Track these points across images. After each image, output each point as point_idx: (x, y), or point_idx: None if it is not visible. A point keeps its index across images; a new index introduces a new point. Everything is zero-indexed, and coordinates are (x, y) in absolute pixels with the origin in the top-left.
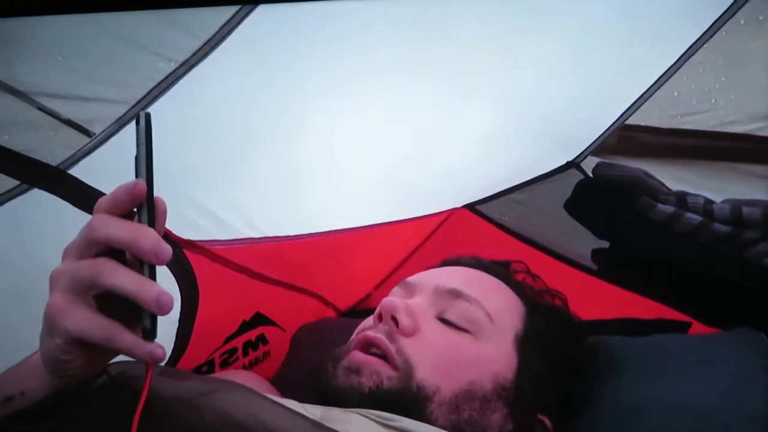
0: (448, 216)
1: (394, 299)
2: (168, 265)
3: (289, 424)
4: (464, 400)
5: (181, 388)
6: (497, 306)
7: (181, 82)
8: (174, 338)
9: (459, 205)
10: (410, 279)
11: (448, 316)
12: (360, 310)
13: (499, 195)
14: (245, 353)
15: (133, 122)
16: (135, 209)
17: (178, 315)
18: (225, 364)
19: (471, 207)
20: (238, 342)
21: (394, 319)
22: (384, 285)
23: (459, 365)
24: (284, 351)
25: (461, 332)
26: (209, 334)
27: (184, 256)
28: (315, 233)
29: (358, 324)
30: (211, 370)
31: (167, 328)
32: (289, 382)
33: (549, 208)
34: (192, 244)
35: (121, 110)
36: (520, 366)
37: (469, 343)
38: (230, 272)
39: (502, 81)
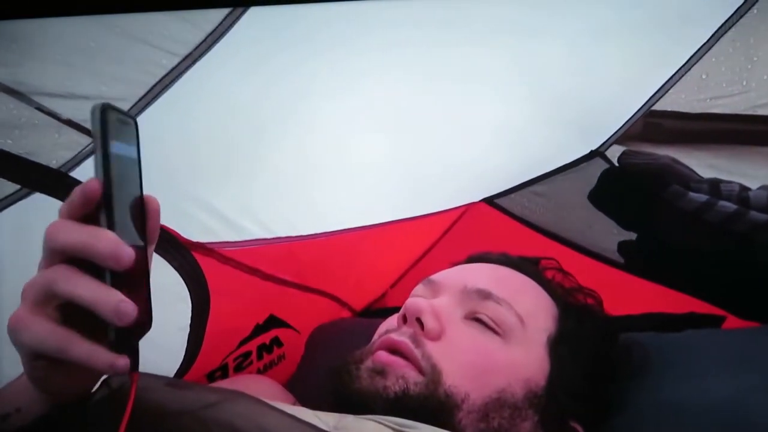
0: (465, 211)
1: (419, 300)
2: (177, 269)
3: None
4: (494, 408)
5: (186, 401)
6: (528, 307)
7: (185, 77)
8: (185, 343)
9: (476, 199)
10: (435, 277)
11: (477, 318)
12: (375, 310)
13: (520, 187)
14: (259, 357)
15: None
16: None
17: (189, 320)
18: (239, 369)
19: (489, 201)
20: (252, 345)
21: (419, 321)
22: (400, 283)
23: (489, 371)
24: (299, 353)
25: (491, 335)
26: (222, 338)
27: (194, 259)
28: (328, 232)
29: (375, 324)
30: (225, 374)
31: (178, 333)
32: (305, 386)
33: (572, 199)
34: (201, 247)
35: (123, 108)
36: (552, 371)
37: (499, 348)
38: (242, 274)
39: (520, 68)
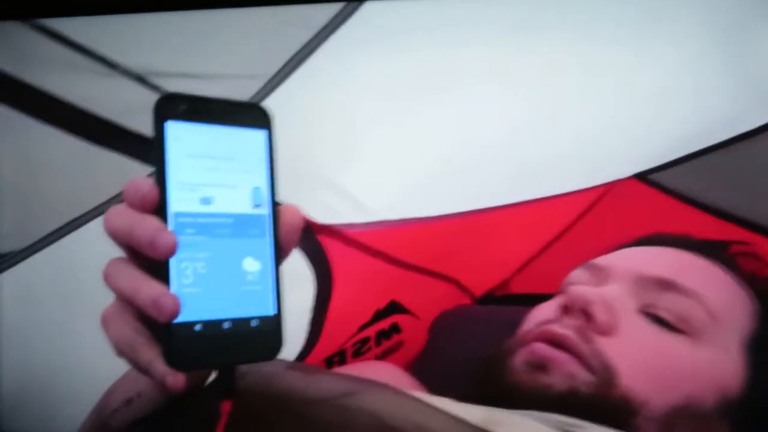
0: (608, 189)
1: (586, 289)
2: (302, 251)
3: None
4: (679, 418)
5: (324, 388)
6: (720, 301)
7: (315, 54)
8: (307, 327)
9: (625, 175)
10: (600, 261)
11: (657, 311)
12: (499, 297)
13: (683, 160)
14: (378, 343)
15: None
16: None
17: (312, 303)
18: (357, 354)
19: (642, 176)
20: (371, 331)
21: (585, 312)
22: (527, 269)
23: (673, 374)
24: (418, 340)
25: (674, 333)
26: (342, 322)
27: (318, 241)
28: (455, 213)
29: (503, 311)
30: (343, 360)
31: (299, 317)
32: (432, 373)
33: (754, 173)
34: (326, 229)
35: (256, 86)
36: (749, 377)
37: (686, 348)
38: (366, 257)
39: (694, 17)
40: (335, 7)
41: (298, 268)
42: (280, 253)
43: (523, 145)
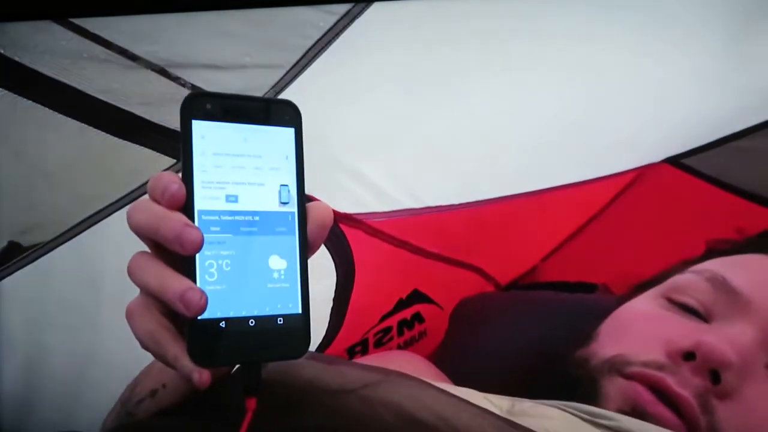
0: (639, 175)
1: (724, 347)
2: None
3: (478, 424)
4: None
5: (345, 378)
6: None
7: (338, 42)
8: (328, 317)
9: (656, 159)
10: (737, 282)
11: None
12: (523, 285)
13: (717, 143)
14: (400, 333)
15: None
16: None
17: (333, 292)
18: (379, 344)
19: (674, 161)
20: (393, 321)
21: (714, 372)
22: (553, 257)
23: None
24: (441, 330)
25: None
26: (364, 312)
27: (341, 231)
28: (479, 201)
29: (523, 297)
30: (365, 349)
31: (321, 305)
32: (453, 362)
33: None
34: (349, 218)
35: (277, 76)
36: None
37: None
38: (389, 247)
39: (715, 8)
40: None
41: (319, 257)
42: (307, 250)
43: (549, 132)
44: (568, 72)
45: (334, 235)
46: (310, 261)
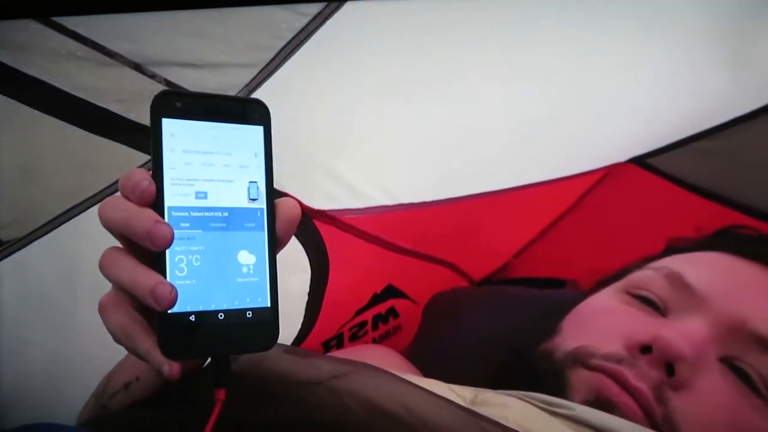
0: (606, 174)
1: (680, 341)
2: (297, 236)
3: (442, 414)
4: None
5: (314, 370)
6: None
7: (311, 40)
8: (304, 311)
9: (622, 159)
10: (695, 282)
11: (743, 367)
12: (496, 281)
13: (681, 144)
14: (375, 327)
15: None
16: None
17: (309, 287)
18: (354, 338)
19: (639, 161)
20: (368, 315)
21: (669, 365)
22: (524, 254)
23: None
24: (415, 324)
25: (753, 395)
26: (339, 306)
27: (315, 227)
28: (451, 198)
29: (496, 292)
30: (340, 344)
31: (296, 300)
32: (425, 356)
33: (747, 157)
34: (323, 214)
35: (250, 74)
36: None
37: (756, 415)
38: (362, 242)
39: (682, 8)
40: None
41: (294, 252)
42: (276, 245)
43: (521, 131)
44: (539, 73)
45: (308, 230)
46: (285, 256)
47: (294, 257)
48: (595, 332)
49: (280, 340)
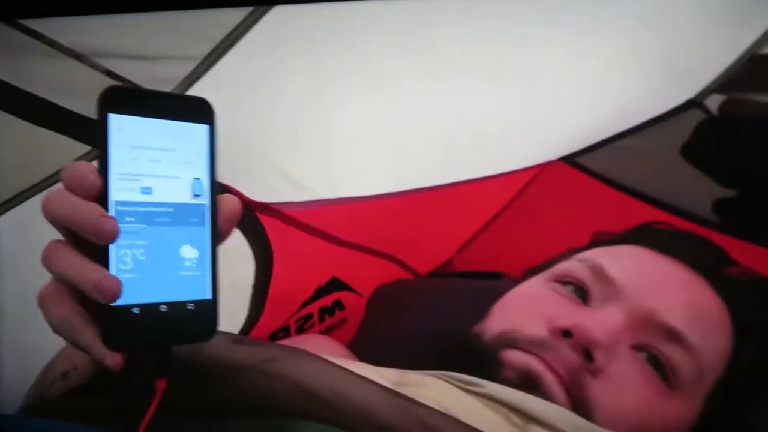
0: (539, 171)
1: (596, 329)
2: (240, 229)
3: (365, 394)
4: None
5: (247, 355)
6: (713, 355)
7: (252, 31)
8: (249, 303)
9: (553, 157)
10: (614, 274)
11: (654, 353)
12: (442, 275)
13: (603, 143)
14: (321, 319)
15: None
16: None
17: (252, 280)
18: (300, 330)
19: (568, 159)
20: (314, 308)
21: (587, 352)
22: (467, 249)
23: (645, 423)
24: (361, 316)
25: (659, 379)
26: (284, 299)
27: (257, 220)
28: (393, 193)
29: (438, 284)
30: (287, 336)
31: (241, 292)
32: (367, 346)
33: (664, 155)
34: (265, 207)
35: (189, 67)
36: (698, 425)
37: (664, 398)
38: (305, 235)
39: (605, 10)
40: None
41: (238, 244)
42: (217, 240)
43: (463, 127)
44: (481, 73)
45: (251, 223)
46: (229, 248)
47: (238, 249)
48: (520, 315)
49: (227, 331)
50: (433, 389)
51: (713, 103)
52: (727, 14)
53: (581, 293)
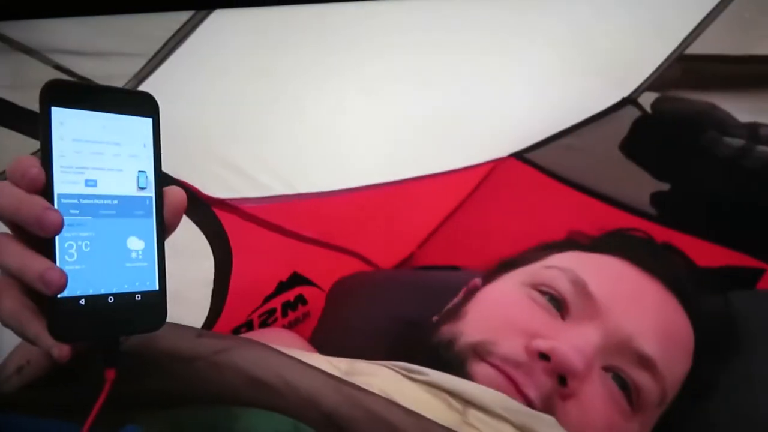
0: (493, 167)
1: (577, 358)
2: (198, 225)
3: (313, 382)
4: None
5: (199, 347)
6: (677, 377)
7: (201, 27)
8: (210, 298)
9: (506, 154)
10: (595, 291)
11: (623, 376)
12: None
13: (549, 140)
14: (284, 314)
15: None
16: None
17: (213, 275)
18: (264, 325)
19: (519, 155)
20: (277, 302)
21: (562, 377)
22: (427, 244)
23: None
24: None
25: (623, 402)
26: (247, 294)
27: (215, 216)
28: (351, 188)
29: (393, 276)
30: (251, 330)
31: (201, 288)
32: (326, 338)
33: (604, 150)
34: (223, 203)
35: (139, 64)
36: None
37: (625, 420)
38: (264, 231)
39: (548, 17)
40: None
41: (197, 240)
42: (164, 231)
43: (421, 123)
44: (432, 73)
45: (208, 219)
46: (188, 243)
47: (197, 244)
48: (498, 327)
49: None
50: (379, 378)
51: (647, 100)
52: (656, 16)
53: (558, 305)
